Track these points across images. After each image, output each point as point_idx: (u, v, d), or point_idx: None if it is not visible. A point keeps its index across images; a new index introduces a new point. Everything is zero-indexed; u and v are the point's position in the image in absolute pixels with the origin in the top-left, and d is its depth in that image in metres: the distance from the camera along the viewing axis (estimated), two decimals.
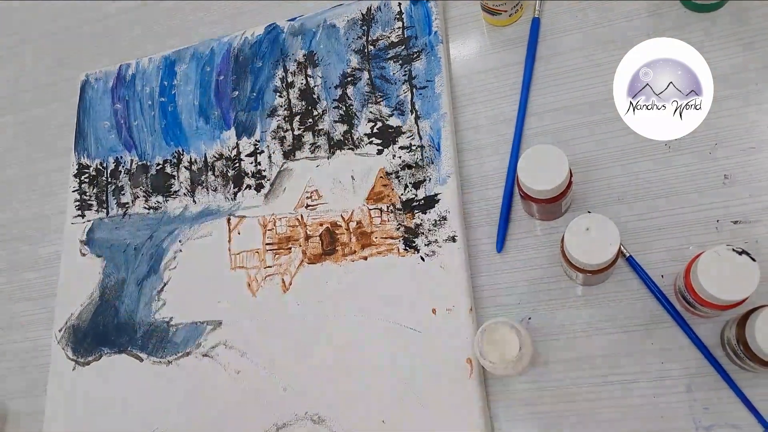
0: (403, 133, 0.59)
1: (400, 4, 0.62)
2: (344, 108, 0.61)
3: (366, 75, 0.62)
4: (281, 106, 0.64)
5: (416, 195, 0.57)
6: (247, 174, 0.63)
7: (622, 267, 0.51)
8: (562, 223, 0.54)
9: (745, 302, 0.43)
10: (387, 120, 0.60)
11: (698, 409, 0.47)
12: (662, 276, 0.50)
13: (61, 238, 0.68)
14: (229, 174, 0.64)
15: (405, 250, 0.55)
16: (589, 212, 0.49)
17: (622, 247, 0.50)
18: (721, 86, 0.40)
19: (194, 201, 0.64)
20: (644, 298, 0.50)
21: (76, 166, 0.70)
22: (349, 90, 0.62)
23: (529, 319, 0.52)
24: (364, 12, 0.63)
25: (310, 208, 0.60)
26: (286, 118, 0.63)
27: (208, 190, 0.64)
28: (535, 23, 0.59)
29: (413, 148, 0.58)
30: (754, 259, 0.41)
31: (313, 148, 0.61)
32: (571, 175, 0.48)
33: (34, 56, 0.81)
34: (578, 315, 0.51)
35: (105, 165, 0.69)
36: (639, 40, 0.47)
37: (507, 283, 0.54)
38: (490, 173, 0.57)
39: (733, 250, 0.41)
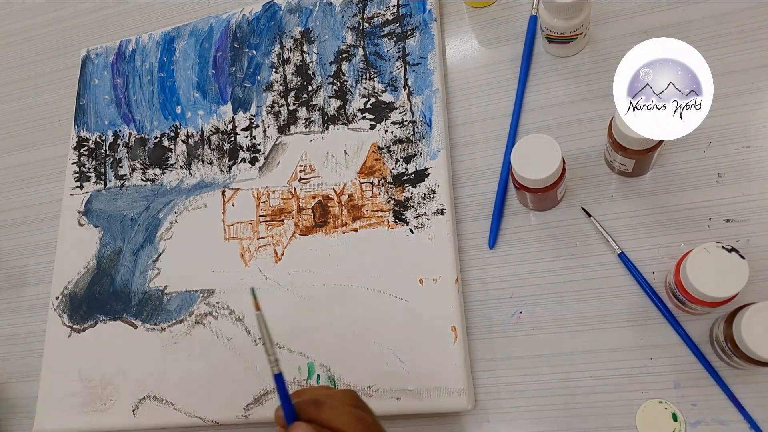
0: (396, 108, 0.60)
1: None
2: (338, 84, 0.63)
3: (361, 52, 0.63)
4: (277, 82, 0.65)
5: (407, 169, 0.58)
6: (242, 147, 0.64)
7: (614, 263, 0.51)
8: (555, 216, 0.54)
9: (734, 300, 0.43)
10: (380, 96, 0.61)
11: (686, 405, 0.47)
12: (653, 273, 0.50)
13: (58, 224, 0.69)
14: (225, 147, 0.65)
15: (395, 222, 0.56)
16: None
17: (613, 244, 0.51)
18: (716, 85, 0.40)
19: (190, 173, 0.65)
20: (635, 295, 0.50)
21: (76, 139, 0.71)
22: (344, 66, 0.63)
23: (521, 312, 0.53)
24: None
25: (303, 181, 0.61)
26: (282, 94, 0.64)
27: (203, 163, 0.65)
28: (533, 20, 0.59)
29: (405, 123, 0.59)
30: (743, 257, 0.41)
31: (307, 122, 0.62)
32: (564, 164, 0.48)
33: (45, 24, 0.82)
34: (569, 309, 0.52)
35: (104, 138, 0.70)
36: (638, 38, 0.46)
37: (499, 277, 0.54)
38: (484, 169, 0.57)
39: (723, 247, 0.42)
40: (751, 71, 0.53)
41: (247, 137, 0.64)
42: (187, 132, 0.67)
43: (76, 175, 0.70)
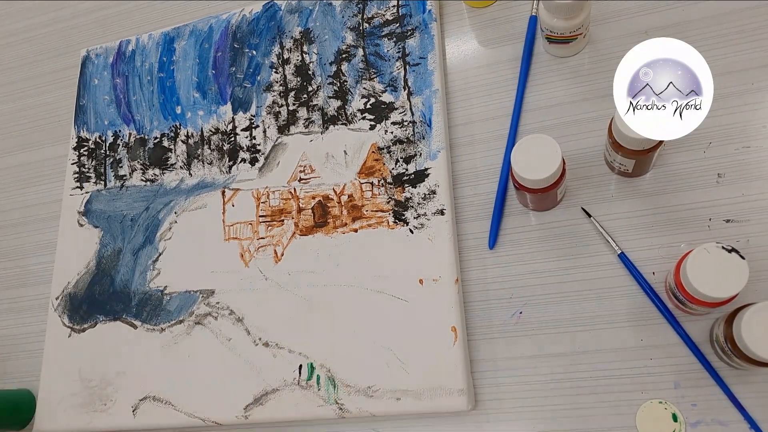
0: (396, 108, 0.60)
1: None
2: (338, 84, 0.62)
3: (360, 52, 0.63)
4: (277, 82, 0.65)
5: (407, 169, 0.58)
6: (242, 148, 0.64)
7: (614, 264, 0.51)
8: (555, 216, 0.54)
9: (734, 300, 0.43)
10: (380, 96, 0.61)
11: (686, 405, 0.47)
12: (653, 273, 0.50)
13: (58, 224, 0.69)
14: (225, 148, 0.65)
15: (395, 222, 0.56)
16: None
17: (613, 244, 0.51)
18: (716, 85, 0.40)
19: (190, 174, 0.65)
20: (635, 295, 0.50)
21: (76, 139, 0.71)
22: (344, 66, 0.63)
23: (521, 313, 0.53)
24: None
25: (303, 181, 0.61)
26: (282, 94, 0.64)
27: (203, 163, 0.65)
28: (533, 20, 0.59)
29: (405, 123, 0.59)
30: (743, 257, 0.41)
31: (307, 123, 0.62)
32: (564, 164, 0.48)
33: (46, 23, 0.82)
34: (569, 309, 0.52)
35: (104, 138, 0.70)
36: (638, 38, 0.47)
37: (499, 277, 0.54)
38: (484, 169, 0.57)
39: (723, 247, 0.42)
40: (751, 71, 0.53)
41: (247, 137, 0.64)
42: (187, 132, 0.67)
43: (76, 175, 0.70)
